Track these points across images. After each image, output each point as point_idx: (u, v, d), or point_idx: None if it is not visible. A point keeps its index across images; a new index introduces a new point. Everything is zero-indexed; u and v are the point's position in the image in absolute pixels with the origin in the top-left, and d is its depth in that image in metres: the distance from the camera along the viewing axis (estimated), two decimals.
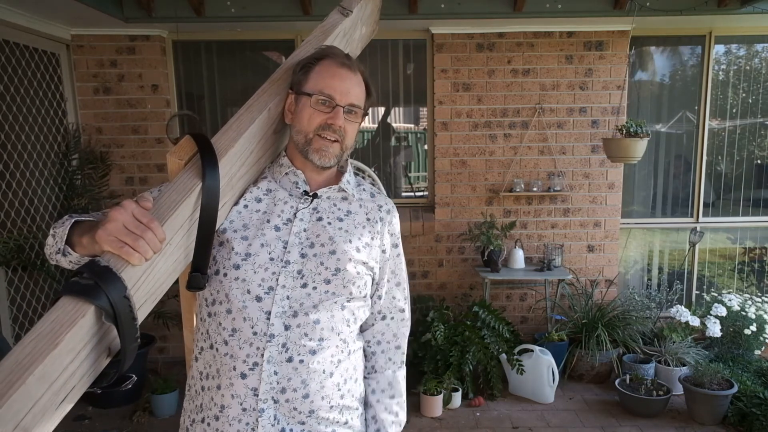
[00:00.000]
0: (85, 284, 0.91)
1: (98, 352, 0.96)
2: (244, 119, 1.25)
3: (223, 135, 1.21)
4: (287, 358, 1.19)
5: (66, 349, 0.89)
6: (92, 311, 0.91)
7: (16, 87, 3.54)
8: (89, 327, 0.92)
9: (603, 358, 3.87)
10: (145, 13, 3.69)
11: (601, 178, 4.32)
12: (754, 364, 3.79)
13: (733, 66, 4.46)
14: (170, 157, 1.16)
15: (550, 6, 3.70)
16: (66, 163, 3.92)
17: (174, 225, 1.07)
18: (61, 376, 0.89)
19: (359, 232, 1.29)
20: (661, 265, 4.71)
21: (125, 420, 3.50)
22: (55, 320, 0.89)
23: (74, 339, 0.90)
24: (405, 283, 1.42)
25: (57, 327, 0.89)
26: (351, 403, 1.30)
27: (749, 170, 4.55)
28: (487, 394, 3.73)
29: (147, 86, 4.14)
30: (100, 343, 0.96)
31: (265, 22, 3.87)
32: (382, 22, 1.86)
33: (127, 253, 0.95)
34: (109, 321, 0.93)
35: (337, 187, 1.31)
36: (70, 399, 0.93)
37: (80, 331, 0.90)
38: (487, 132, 4.26)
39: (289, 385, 1.20)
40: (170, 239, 1.06)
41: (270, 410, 1.20)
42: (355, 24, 1.53)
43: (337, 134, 1.24)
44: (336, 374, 1.25)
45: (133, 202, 1.00)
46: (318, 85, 1.23)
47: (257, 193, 1.28)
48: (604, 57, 4.19)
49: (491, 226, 4.12)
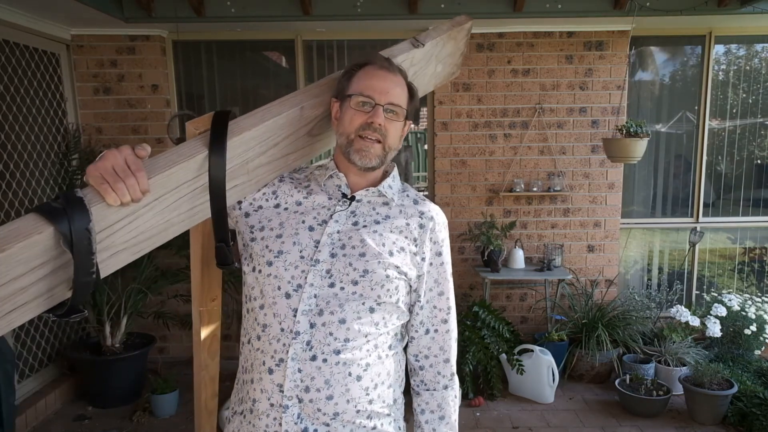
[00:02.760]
0: (54, 207, 0.95)
1: (56, 278, 0.99)
2: (273, 110, 1.28)
3: (246, 118, 1.25)
4: (311, 357, 1.21)
5: (15, 258, 0.92)
6: (50, 232, 0.94)
7: (16, 87, 3.54)
8: (45, 247, 0.95)
9: (603, 358, 3.87)
10: (145, 13, 3.69)
11: (601, 178, 4.32)
12: (754, 364, 3.79)
13: (733, 66, 4.46)
14: (188, 125, 1.20)
15: (550, 6, 3.70)
16: (66, 163, 3.92)
17: (167, 183, 1.09)
18: (9, 284, 0.93)
19: (394, 236, 1.28)
20: (661, 265, 4.71)
21: (125, 420, 3.50)
22: (12, 229, 0.94)
23: (26, 251, 0.93)
24: (449, 294, 1.39)
25: (13, 235, 0.93)
26: (381, 409, 1.29)
27: (749, 170, 4.55)
28: (487, 394, 3.73)
29: (147, 86, 4.14)
30: (59, 270, 0.98)
31: (265, 22, 3.87)
32: (381, 22, 1.86)
33: (105, 190, 0.99)
34: (66, 247, 0.96)
35: (375, 190, 1.31)
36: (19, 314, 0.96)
37: (34, 246, 0.94)
38: (487, 132, 4.27)
39: (313, 384, 1.22)
40: (160, 196, 1.09)
41: (294, 408, 1.22)
42: (428, 59, 1.55)
43: (378, 133, 1.25)
44: (365, 378, 1.25)
45: (130, 147, 1.03)
46: (359, 87, 1.26)
47: (298, 197, 1.32)
48: (604, 57, 4.19)
49: (491, 226, 4.12)
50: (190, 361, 1.52)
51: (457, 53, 1.68)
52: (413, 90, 1.34)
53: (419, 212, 1.34)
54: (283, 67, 4.51)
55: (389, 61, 1.31)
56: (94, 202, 1.00)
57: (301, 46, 4.24)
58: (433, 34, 1.54)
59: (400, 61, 1.41)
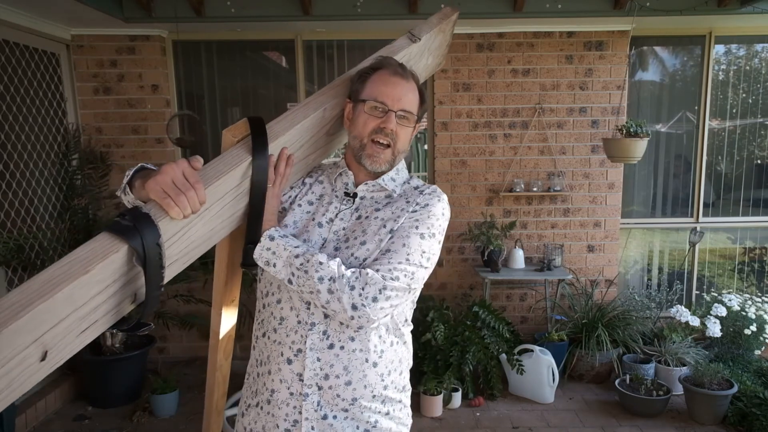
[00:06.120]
0: (125, 225, 1.00)
1: (124, 293, 1.03)
2: (299, 114, 1.33)
3: (276, 123, 1.29)
4: (329, 345, 1.27)
5: (96, 279, 0.95)
6: (125, 250, 0.99)
7: (16, 87, 3.54)
8: (120, 264, 0.99)
9: (603, 358, 3.87)
10: (145, 13, 3.69)
11: (601, 178, 4.32)
12: (754, 364, 3.79)
13: (733, 66, 4.46)
14: (225, 133, 1.24)
15: (550, 6, 3.70)
16: (66, 163, 3.92)
17: (216, 193, 1.13)
18: (87, 304, 0.96)
19: (395, 215, 1.31)
20: (661, 265, 4.71)
21: (125, 420, 3.50)
22: (91, 250, 0.97)
23: (105, 271, 0.97)
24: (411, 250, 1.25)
25: (91, 256, 0.96)
26: (394, 394, 1.36)
27: (749, 170, 4.54)
28: (487, 394, 3.73)
29: (147, 86, 4.14)
30: (128, 285, 1.03)
31: (265, 22, 3.87)
32: (381, 22, 1.87)
33: (168, 205, 1.03)
34: (139, 263, 1.00)
35: (375, 183, 1.35)
36: (92, 331, 1.00)
37: (111, 265, 0.98)
38: (487, 132, 4.26)
39: (332, 371, 1.28)
40: (210, 205, 1.12)
41: (314, 396, 1.28)
42: (422, 52, 1.59)
43: (390, 138, 1.30)
44: (380, 365, 1.31)
45: (186, 160, 1.07)
46: (372, 92, 1.31)
47: (311, 197, 1.39)
48: (604, 57, 4.19)
49: (491, 226, 4.12)
50: (190, 361, 1.53)
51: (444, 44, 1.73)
52: (423, 94, 1.39)
53: (419, 192, 1.37)
54: (283, 67, 4.51)
55: (403, 66, 1.35)
56: (159, 217, 1.03)
57: (301, 46, 4.24)
58: (425, 27, 1.58)
59: (400, 57, 1.45)
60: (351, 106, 1.36)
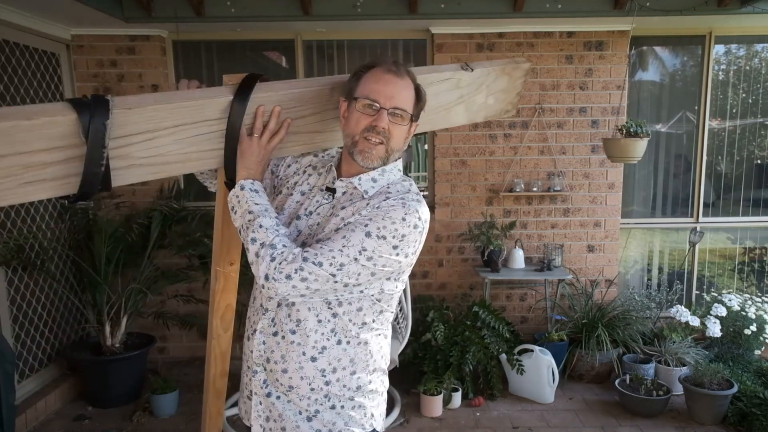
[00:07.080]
0: (83, 101, 1.09)
1: (72, 168, 1.10)
2: (301, 83, 1.38)
3: (277, 83, 1.36)
4: (273, 332, 1.36)
5: (38, 132, 1.03)
6: (73, 119, 1.07)
7: (16, 87, 3.54)
8: (66, 130, 1.07)
9: (603, 358, 3.87)
10: (145, 13, 3.69)
11: (601, 178, 4.32)
12: (754, 364, 3.79)
13: (733, 66, 4.46)
14: (225, 78, 1.33)
15: (550, 6, 3.70)
16: None
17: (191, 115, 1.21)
18: (31, 155, 1.04)
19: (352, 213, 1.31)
20: (661, 265, 4.71)
21: (125, 420, 3.50)
22: (42, 107, 1.08)
23: (48, 129, 1.05)
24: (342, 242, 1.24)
25: (40, 111, 1.06)
26: (341, 392, 1.37)
27: (749, 170, 4.54)
28: (487, 394, 3.73)
29: (147, 86, 4.14)
30: (76, 161, 1.10)
31: (265, 22, 3.87)
32: (381, 22, 1.88)
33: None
34: (82, 136, 1.08)
35: (350, 182, 1.36)
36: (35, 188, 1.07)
37: (56, 126, 1.06)
38: (487, 132, 4.26)
39: (272, 356, 1.37)
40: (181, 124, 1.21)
41: (261, 374, 1.40)
42: (477, 86, 1.59)
43: (382, 136, 1.30)
44: (321, 360, 1.34)
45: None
46: (365, 90, 1.31)
47: (304, 187, 1.45)
48: (604, 57, 4.19)
49: (491, 226, 4.12)
50: (190, 361, 1.54)
51: (513, 91, 1.72)
52: (420, 92, 1.36)
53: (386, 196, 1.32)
54: (283, 67, 4.51)
55: (397, 63, 1.34)
56: (119, 107, 1.12)
57: (301, 46, 4.24)
58: (485, 63, 1.60)
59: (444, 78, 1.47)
60: (345, 104, 1.35)
